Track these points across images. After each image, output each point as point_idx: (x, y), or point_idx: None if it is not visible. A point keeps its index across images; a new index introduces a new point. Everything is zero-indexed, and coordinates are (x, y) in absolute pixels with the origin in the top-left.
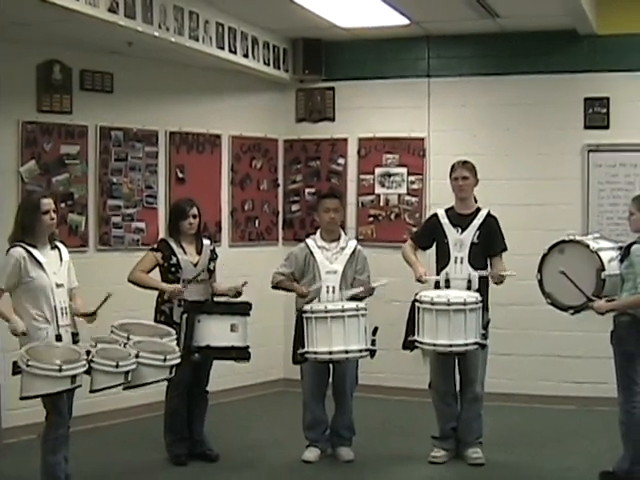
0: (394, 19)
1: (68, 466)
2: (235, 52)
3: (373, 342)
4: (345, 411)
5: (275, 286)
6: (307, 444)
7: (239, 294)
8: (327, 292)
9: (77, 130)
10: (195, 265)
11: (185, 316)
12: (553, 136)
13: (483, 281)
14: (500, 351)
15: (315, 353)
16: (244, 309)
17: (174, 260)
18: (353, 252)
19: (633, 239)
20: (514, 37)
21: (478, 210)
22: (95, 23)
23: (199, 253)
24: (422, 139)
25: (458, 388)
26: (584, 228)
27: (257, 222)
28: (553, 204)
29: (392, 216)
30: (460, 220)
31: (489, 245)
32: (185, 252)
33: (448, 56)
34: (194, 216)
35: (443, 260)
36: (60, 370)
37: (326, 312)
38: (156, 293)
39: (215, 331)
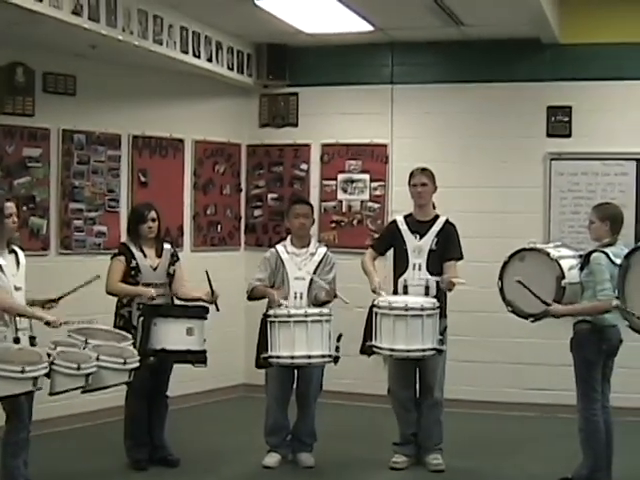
0: (358, 25)
1: (28, 471)
2: (199, 56)
3: (337, 348)
4: (308, 417)
5: (250, 296)
6: (268, 449)
7: (213, 302)
8: (295, 298)
9: (39, 133)
10: (155, 269)
11: (141, 319)
12: (516, 144)
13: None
14: (462, 358)
15: (278, 357)
16: (200, 313)
17: (134, 263)
18: (322, 259)
19: (594, 247)
20: (478, 45)
21: (437, 217)
22: (59, 25)
23: (159, 257)
24: (385, 146)
25: (418, 394)
26: (546, 236)
27: (219, 227)
28: (515, 212)
29: (354, 222)
30: (419, 227)
31: (445, 251)
32: (145, 256)
33: (412, 63)
34: (153, 220)
35: (401, 266)
36: (23, 372)
37: (289, 317)
38: (115, 298)
39: (171, 334)
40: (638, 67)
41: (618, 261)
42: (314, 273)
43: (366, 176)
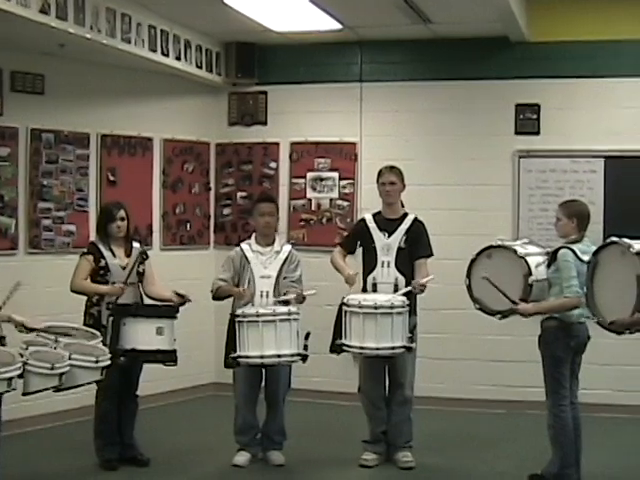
0: (327, 24)
1: None
2: (168, 55)
3: (305, 347)
4: (277, 415)
5: (215, 296)
6: (238, 448)
7: (183, 303)
8: (261, 297)
9: (7, 132)
10: (124, 268)
11: (111, 319)
12: (484, 141)
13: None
14: (431, 355)
15: (247, 357)
16: (170, 312)
17: (103, 263)
18: (287, 257)
19: (561, 244)
20: (446, 43)
21: (405, 215)
22: (26, 24)
23: (128, 256)
24: (354, 144)
25: (388, 392)
26: (514, 233)
27: (188, 226)
28: (484, 209)
29: (323, 220)
30: (387, 225)
31: (414, 249)
32: (114, 255)
33: (380, 61)
34: (122, 219)
35: (370, 264)
36: None
37: (257, 316)
38: (85, 297)
39: (141, 334)
40: (606, 65)
41: (585, 258)
42: (279, 271)
43: (335, 174)
